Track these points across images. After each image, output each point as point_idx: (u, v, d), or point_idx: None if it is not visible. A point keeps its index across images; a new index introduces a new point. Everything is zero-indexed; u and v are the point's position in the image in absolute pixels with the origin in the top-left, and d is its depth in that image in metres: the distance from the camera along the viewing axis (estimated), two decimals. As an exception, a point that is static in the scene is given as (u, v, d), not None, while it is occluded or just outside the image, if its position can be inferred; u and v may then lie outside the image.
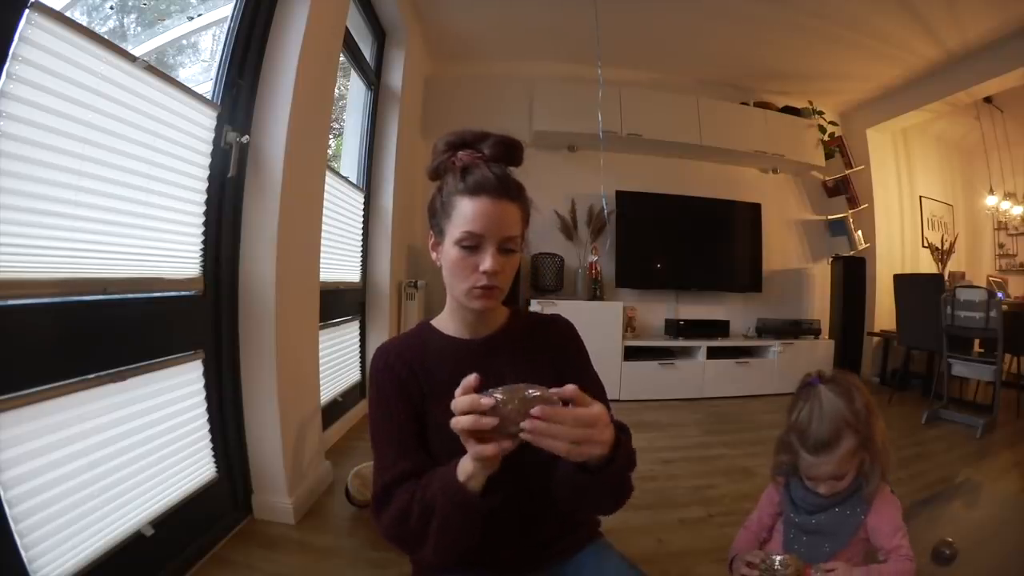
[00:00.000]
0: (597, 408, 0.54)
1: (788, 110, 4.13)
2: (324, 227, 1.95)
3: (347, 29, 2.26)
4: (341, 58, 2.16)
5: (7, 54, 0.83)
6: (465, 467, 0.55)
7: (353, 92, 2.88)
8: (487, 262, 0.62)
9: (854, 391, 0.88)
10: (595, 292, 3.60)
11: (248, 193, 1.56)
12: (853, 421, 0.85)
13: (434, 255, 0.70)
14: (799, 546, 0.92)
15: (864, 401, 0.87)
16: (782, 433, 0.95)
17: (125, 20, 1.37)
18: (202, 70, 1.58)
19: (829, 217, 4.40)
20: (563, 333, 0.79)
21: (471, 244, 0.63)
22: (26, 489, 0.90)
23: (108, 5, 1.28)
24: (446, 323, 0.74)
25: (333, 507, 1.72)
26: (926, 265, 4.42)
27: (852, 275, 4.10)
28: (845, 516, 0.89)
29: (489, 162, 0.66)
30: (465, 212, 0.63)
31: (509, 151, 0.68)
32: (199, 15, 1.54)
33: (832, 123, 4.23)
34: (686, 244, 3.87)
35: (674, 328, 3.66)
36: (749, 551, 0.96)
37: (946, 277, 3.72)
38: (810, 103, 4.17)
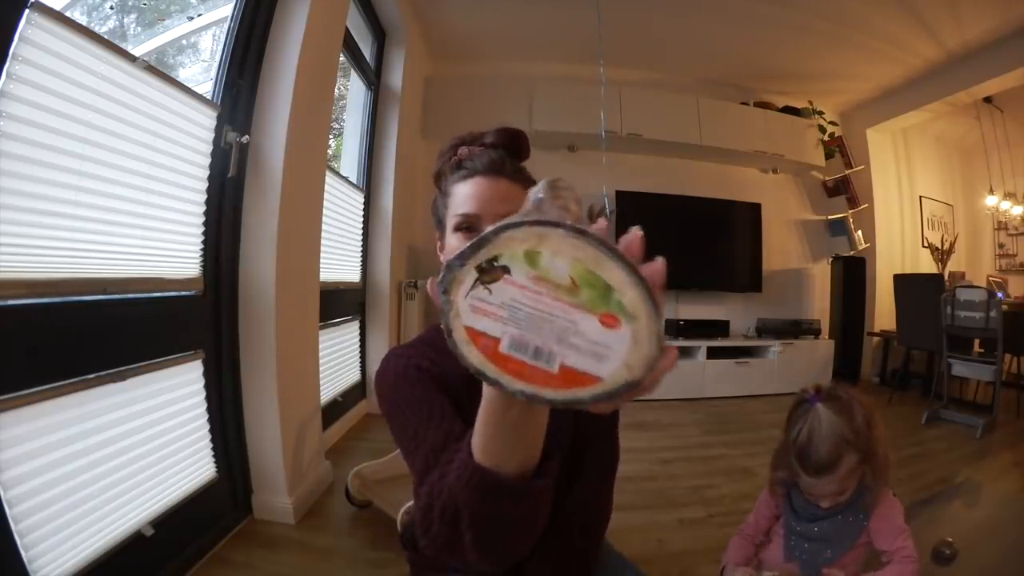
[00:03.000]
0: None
1: (788, 110, 4.13)
2: (324, 227, 1.94)
3: (347, 29, 2.26)
4: (341, 58, 2.16)
5: (7, 54, 0.83)
6: (490, 417, 0.36)
7: (353, 92, 2.88)
8: None
9: (853, 406, 0.85)
10: (595, 292, 3.59)
11: (248, 193, 1.56)
12: (853, 439, 0.82)
13: (442, 257, 0.65)
14: (800, 552, 0.91)
15: (863, 415, 0.84)
16: (778, 450, 0.92)
17: (125, 20, 1.37)
18: (202, 70, 1.58)
19: (829, 217, 4.40)
20: None
21: (468, 227, 0.59)
22: (26, 489, 0.90)
23: (108, 5, 1.28)
24: None
25: (333, 507, 1.72)
26: (926, 265, 4.42)
27: (852, 275, 4.10)
28: (847, 523, 0.88)
29: (490, 150, 0.62)
30: (460, 196, 0.60)
31: (511, 140, 0.64)
32: (199, 15, 1.54)
33: (832, 123, 4.23)
34: (686, 244, 3.87)
35: (674, 328, 3.65)
36: (743, 560, 0.95)
37: (946, 277, 3.72)
38: (810, 103, 4.17)
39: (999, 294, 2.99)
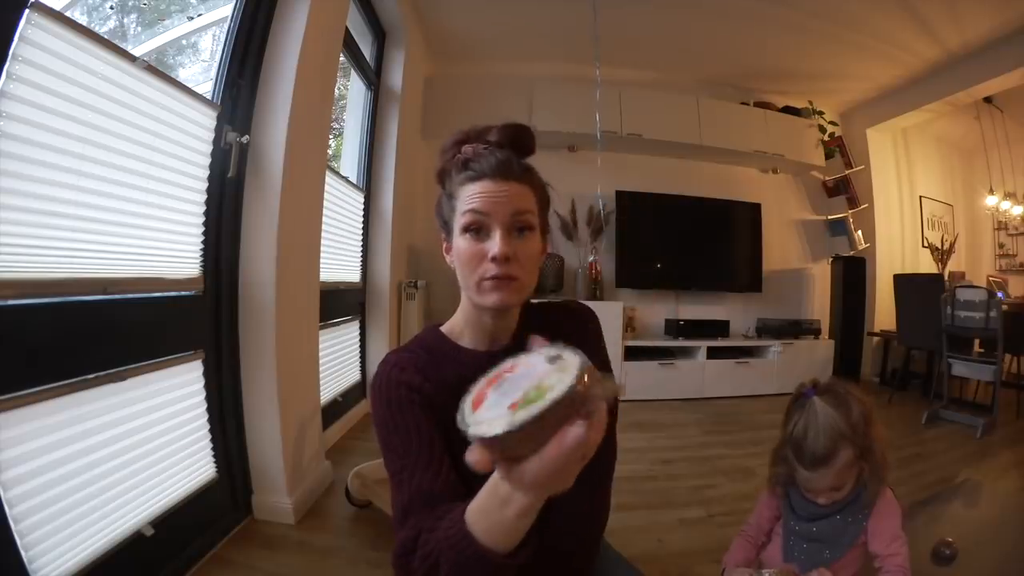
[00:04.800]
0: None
1: (788, 110, 4.13)
2: (324, 227, 1.95)
3: (347, 29, 2.26)
4: (341, 58, 2.16)
5: (7, 54, 0.83)
6: (494, 501, 0.40)
7: (353, 92, 2.88)
8: (496, 245, 0.55)
9: (851, 401, 0.85)
10: (595, 292, 3.60)
11: (248, 193, 1.56)
12: (850, 433, 0.83)
13: (448, 259, 0.63)
14: (799, 553, 0.91)
15: (861, 410, 0.85)
16: (777, 446, 0.93)
17: (125, 20, 1.37)
18: (202, 70, 1.58)
19: (829, 217, 4.40)
20: (588, 326, 0.70)
21: (476, 226, 0.57)
22: (26, 489, 0.90)
23: (108, 5, 1.28)
24: (460, 331, 0.65)
25: (333, 507, 1.72)
26: (926, 265, 4.42)
27: (852, 275, 4.10)
28: (847, 523, 0.88)
29: (495, 150, 0.60)
30: (467, 198, 0.58)
31: (516, 136, 0.62)
32: (199, 15, 1.54)
33: (832, 123, 4.23)
34: (686, 244, 3.87)
35: (674, 328, 3.66)
36: (744, 561, 0.95)
37: (946, 277, 3.72)
38: (810, 103, 4.17)
39: (999, 294, 2.99)
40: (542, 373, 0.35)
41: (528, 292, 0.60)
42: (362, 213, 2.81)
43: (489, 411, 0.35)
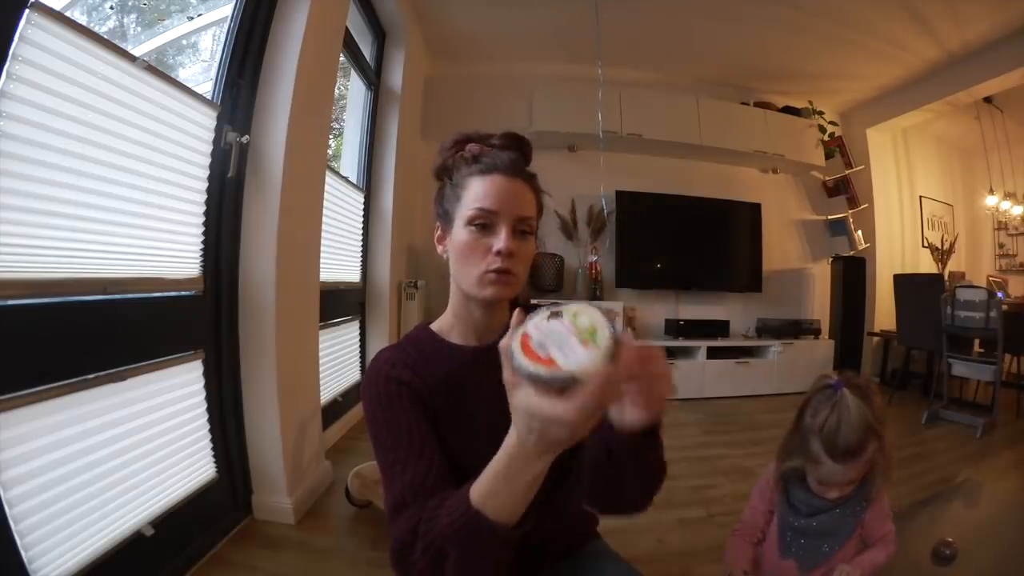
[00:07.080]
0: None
1: (788, 110, 4.13)
2: (324, 227, 1.95)
3: (347, 29, 2.26)
4: (341, 58, 2.16)
5: (7, 54, 0.83)
6: (505, 476, 0.44)
7: (353, 92, 2.88)
8: (501, 241, 0.58)
9: (871, 394, 0.86)
10: (595, 292, 3.60)
11: (248, 193, 1.56)
12: (877, 425, 0.84)
13: (440, 248, 0.66)
14: (796, 548, 0.91)
15: (879, 403, 0.86)
16: (795, 439, 0.91)
17: (125, 20, 1.37)
18: (202, 70, 1.58)
19: (829, 217, 4.40)
20: None
21: (483, 222, 0.59)
22: (26, 489, 0.90)
23: (108, 5, 1.28)
24: (449, 328, 0.67)
25: (333, 507, 1.72)
26: (926, 265, 4.42)
27: (852, 275, 4.10)
28: (846, 516, 0.89)
29: (503, 150, 0.64)
30: (477, 190, 0.60)
31: (519, 144, 0.65)
32: (199, 15, 1.54)
33: (832, 123, 4.23)
34: (686, 244, 3.87)
35: (674, 328, 3.66)
36: (748, 560, 0.95)
37: (946, 277, 3.72)
38: (810, 103, 4.17)
39: (999, 294, 2.99)
40: (569, 324, 0.41)
41: (518, 290, 0.62)
42: (362, 213, 2.81)
43: (571, 356, 0.39)
